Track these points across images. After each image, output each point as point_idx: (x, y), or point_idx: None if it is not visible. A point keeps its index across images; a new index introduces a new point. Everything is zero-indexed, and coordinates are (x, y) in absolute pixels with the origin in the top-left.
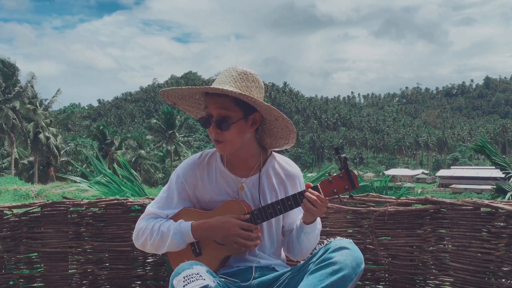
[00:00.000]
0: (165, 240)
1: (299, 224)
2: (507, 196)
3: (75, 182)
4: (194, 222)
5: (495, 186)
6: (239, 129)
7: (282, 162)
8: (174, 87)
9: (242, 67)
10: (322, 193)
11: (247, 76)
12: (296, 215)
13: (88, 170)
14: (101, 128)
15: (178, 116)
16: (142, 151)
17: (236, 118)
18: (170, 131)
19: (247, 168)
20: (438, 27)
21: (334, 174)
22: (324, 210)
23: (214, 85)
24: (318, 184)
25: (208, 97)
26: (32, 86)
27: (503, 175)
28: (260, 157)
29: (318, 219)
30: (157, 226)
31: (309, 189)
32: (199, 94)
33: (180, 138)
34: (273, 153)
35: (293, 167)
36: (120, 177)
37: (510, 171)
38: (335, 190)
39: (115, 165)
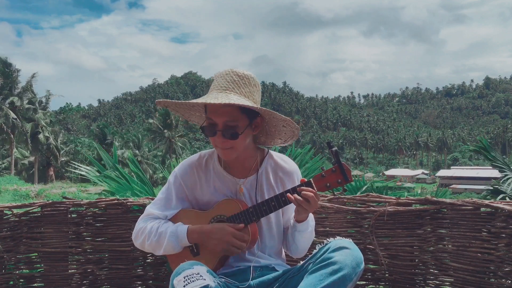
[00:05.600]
0: (161, 242)
1: (292, 223)
2: (497, 199)
3: (84, 175)
4: (190, 226)
5: (491, 188)
6: (245, 135)
7: (279, 159)
8: (177, 101)
9: (242, 70)
10: (315, 188)
11: (249, 80)
12: (293, 211)
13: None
14: (101, 127)
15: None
16: (140, 151)
17: (243, 126)
18: (169, 132)
19: (245, 168)
20: (432, 27)
21: (327, 169)
22: (317, 206)
23: (216, 90)
24: (311, 179)
25: (211, 105)
26: (31, 86)
27: (502, 176)
28: (257, 157)
29: (311, 215)
30: (155, 227)
31: (302, 187)
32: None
33: (178, 138)
34: (270, 151)
35: (290, 164)
36: (131, 172)
37: (509, 173)
38: (328, 184)
39: (128, 161)
